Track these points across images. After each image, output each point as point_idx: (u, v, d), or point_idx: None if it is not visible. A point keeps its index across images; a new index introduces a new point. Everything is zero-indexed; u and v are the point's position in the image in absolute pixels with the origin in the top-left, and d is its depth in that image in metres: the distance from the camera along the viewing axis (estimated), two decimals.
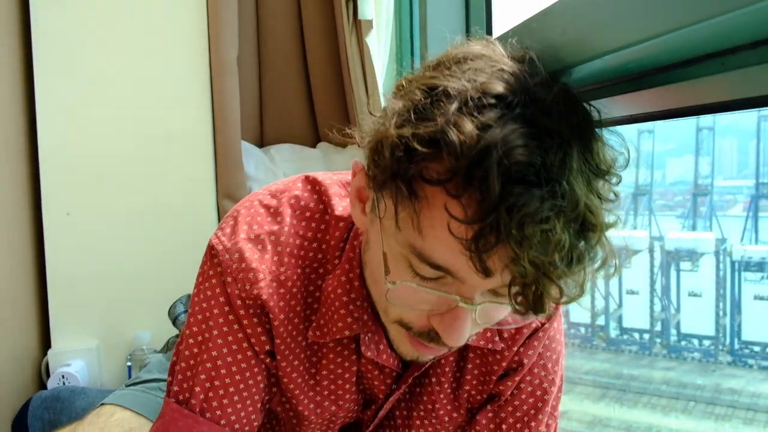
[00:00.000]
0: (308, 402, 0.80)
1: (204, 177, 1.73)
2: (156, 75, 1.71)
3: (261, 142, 1.98)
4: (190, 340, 0.77)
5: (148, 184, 1.71)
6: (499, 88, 0.53)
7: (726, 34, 0.45)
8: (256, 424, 0.79)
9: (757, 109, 0.47)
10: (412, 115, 0.55)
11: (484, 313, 0.61)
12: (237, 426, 0.77)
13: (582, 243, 0.54)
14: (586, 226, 0.53)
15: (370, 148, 0.60)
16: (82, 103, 1.66)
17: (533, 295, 0.55)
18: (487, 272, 0.53)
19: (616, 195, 0.58)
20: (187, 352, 0.77)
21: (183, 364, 0.77)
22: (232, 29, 1.71)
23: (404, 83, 0.61)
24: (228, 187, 1.70)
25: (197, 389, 0.75)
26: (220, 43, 1.67)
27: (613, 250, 0.57)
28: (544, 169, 0.51)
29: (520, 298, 0.56)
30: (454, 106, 0.53)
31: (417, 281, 0.59)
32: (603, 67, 0.59)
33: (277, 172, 1.80)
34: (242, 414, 0.77)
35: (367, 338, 0.76)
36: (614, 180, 0.58)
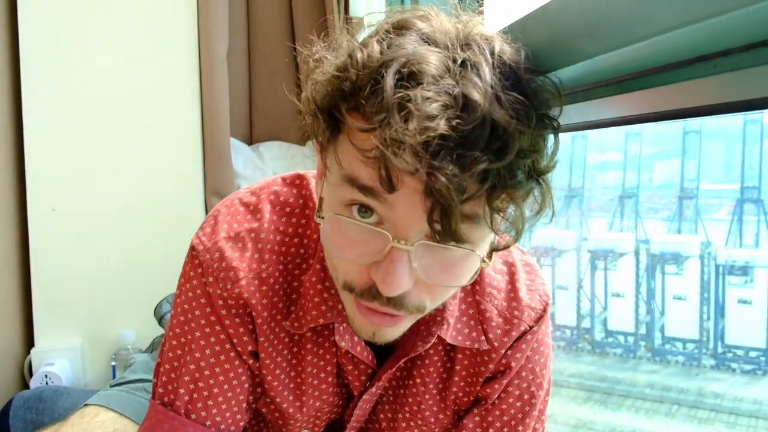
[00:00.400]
0: (294, 399, 0.80)
1: (192, 174, 1.72)
2: (145, 71, 1.69)
3: (250, 140, 1.97)
4: (173, 342, 0.77)
5: (136, 180, 1.69)
6: (418, 22, 0.57)
7: (718, 36, 0.45)
8: (242, 423, 0.79)
9: (750, 111, 0.47)
10: (333, 58, 0.59)
11: (425, 264, 0.59)
12: (223, 426, 0.77)
13: (493, 161, 0.51)
14: (497, 138, 0.51)
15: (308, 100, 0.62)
16: (70, 98, 1.65)
17: (442, 214, 0.53)
18: (389, 184, 0.52)
19: (555, 128, 0.58)
20: (170, 354, 0.77)
21: (167, 366, 0.77)
22: (223, 26, 1.70)
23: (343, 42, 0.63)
24: (216, 185, 1.69)
25: (181, 391, 0.75)
26: (210, 39, 1.67)
27: (549, 192, 0.57)
28: (440, 77, 0.51)
29: (436, 225, 0.54)
30: (371, 38, 0.56)
31: (347, 214, 0.59)
32: (594, 69, 0.59)
33: (266, 169, 1.79)
34: (227, 414, 0.77)
35: (341, 328, 0.76)
36: (548, 122, 0.57)
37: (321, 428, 0.87)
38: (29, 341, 1.66)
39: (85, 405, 1.02)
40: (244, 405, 0.78)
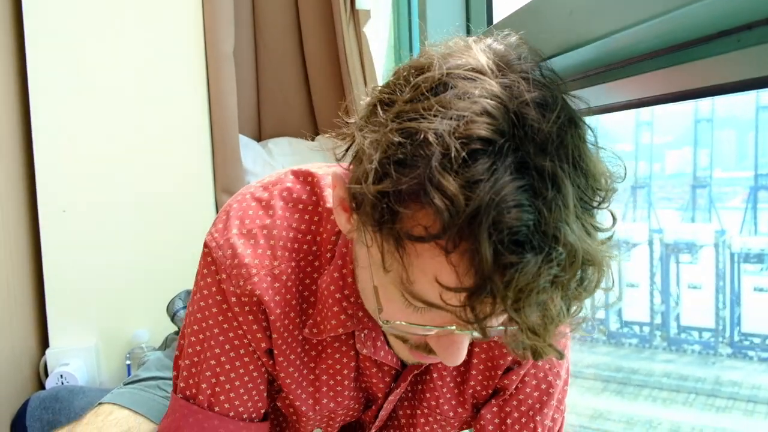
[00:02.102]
0: (306, 398, 0.79)
1: (201, 171, 1.72)
2: (152, 69, 1.69)
3: (259, 136, 1.96)
4: (192, 338, 0.77)
5: (145, 179, 1.69)
6: (483, 130, 0.48)
7: (741, 9, 0.43)
8: (263, 410, 0.80)
9: None
10: (391, 167, 0.51)
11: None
12: (245, 415, 0.78)
13: (579, 287, 0.51)
14: (584, 268, 0.51)
15: (349, 192, 0.57)
16: (77, 98, 1.64)
17: (532, 347, 0.54)
18: (483, 334, 0.51)
19: (613, 216, 0.55)
20: (189, 350, 0.77)
21: (187, 361, 0.78)
22: (228, 21, 1.69)
23: (379, 109, 0.56)
24: (226, 182, 1.68)
25: (203, 385, 0.76)
26: (215, 35, 1.66)
27: (609, 270, 0.55)
28: (537, 231, 0.47)
29: (520, 344, 0.54)
30: (435, 158, 0.48)
31: (410, 315, 0.57)
32: (612, 48, 0.57)
33: (276, 166, 1.79)
34: (249, 404, 0.77)
35: (363, 335, 0.75)
36: (611, 195, 0.54)
37: (335, 429, 0.87)
38: (44, 342, 1.66)
39: (100, 404, 1.01)
40: (265, 393, 0.79)
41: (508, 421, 0.82)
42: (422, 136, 0.49)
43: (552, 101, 0.51)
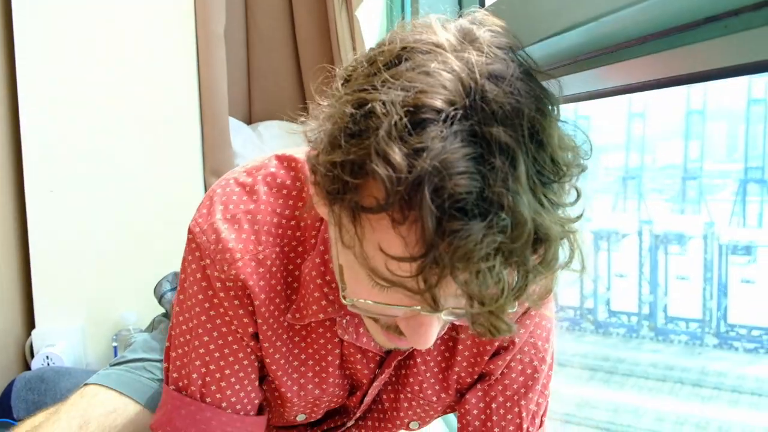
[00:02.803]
0: (291, 384, 0.79)
1: (190, 154, 1.71)
2: (141, 49, 1.67)
3: (249, 119, 1.96)
4: (182, 327, 0.77)
5: (134, 160, 1.68)
6: (436, 98, 0.48)
7: None
8: (256, 401, 0.79)
9: (762, 74, 0.45)
10: (342, 137, 0.51)
11: (450, 313, 0.58)
12: (239, 406, 0.77)
13: (534, 262, 0.50)
14: (539, 242, 0.50)
15: (309, 168, 0.57)
16: (66, 79, 1.63)
17: (485, 323, 0.53)
18: (436, 305, 0.51)
19: (577, 191, 0.54)
20: (180, 339, 0.77)
21: (178, 351, 0.78)
22: (219, 2, 1.68)
23: (339, 85, 0.56)
24: (215, 165, 1.68)
25: (194, 376, 0.76)
26: (206, 16, 1.65)
27: (578, 248, 0.55)
28: (482, 198, 0.46)
29: (476, 321, 0.54)
30: (383, 128, 0.48)
31: (375, 294, 0.56)
32: (601, 33, 0.57)
33: (265, 149, 1.78)
34: (241, 394, 0.77)
35: (344, 321, 0.75)
36: (577, 172, 0.54)
37: (319, 415, 0.87)
38: (30, 323, 1.66)
39: (85, 385, 1.01)
40: (256, 382, 0.79)
41: (493, 405, 0.83)
42: (371, 106, 0.50)
43: (513, 76, 0.51)
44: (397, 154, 0.47)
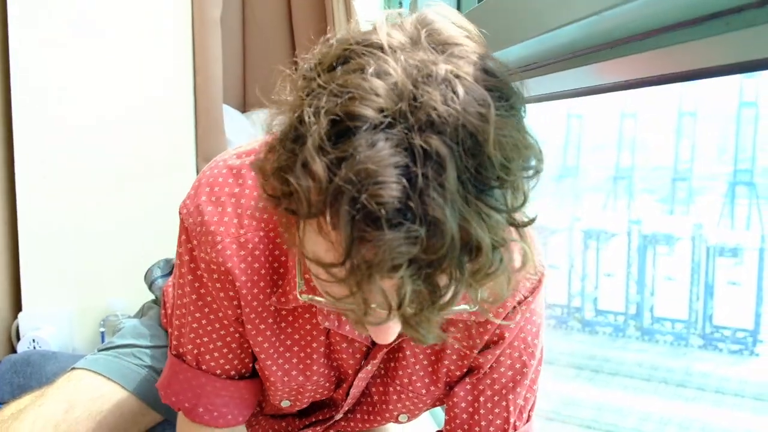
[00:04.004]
0: (276, 369, 0.79)
1: (183, 140, 1.70)
2: (136, 33, 1.66)
3: (243, 107, 1.95)
4: (178, 301, 0.80)
5: (126, 146, 1.67)
6: (364, 107, 0.47)
7: None
8: (251, 365, 0.82)
9: (763, 71, 0.45)
10: (278, 143, 0.51)
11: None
12: (233, 372, 0.81)
13: (467, 270, 0.49)
14: (470, 252, 0.48)
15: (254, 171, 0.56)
16: (59, 61, 1.61)
17: (409, 331, 0.52)
18: (366, 310, 0.50)
19: (524, 195, 0.51)
20: (177, 311, 0.81)
21: (175, 322, 0.82)
22: None
23: (287, 90, 0.55)
24: (208, 151, 1.67)
25: (189, 346, 0.79)
26: (203, 0, 1.63)
27: (530, 253, 0.53)
28: (399, 209, 0.45)
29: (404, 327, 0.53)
30: (310, 138, 0.47)
31: (325, 294, 0.56)
32: (600, 28, 0.57)
33: (260, 137, 1.77)
34: (235, 362, 0.80)
35: (326, 309, 0.74)
36: (528, 173, 0.52)
37: (304, 403, 0.87)
38: (17, 306, 1.64)
39: (72, 369, 1.01)
40: (250, 350, 0.80)
41: (481, 398, 0.83)
42: (301, 113, 0.49)
43: (456, 76, 0.49)
44: (318, 165, 0.46)
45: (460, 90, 0.48)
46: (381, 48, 0.50)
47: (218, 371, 0.80)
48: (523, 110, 0.52)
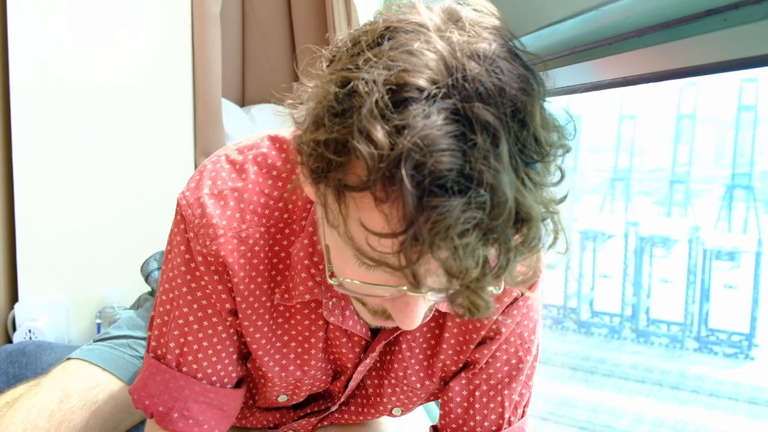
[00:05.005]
0: (273, 364, 0.79)
1: (182, 133, 1.70)
2: (136, 27, 1.66)
3: (242, 101, 1.95)
4: (164, 297, 0.77)
5: (125, 138, 1.67)
6: (418, 77, 0.48)
7: None
8: (234, 375, 0.79)
9: (760, 67, 0.45)
10: (326, 116, 0.51)
11: (435, 293, 0.57)
12: (214, 378, 0.77)
13: (515, 241, 0.50)
14: (521, 222, 0.50)
15: (294, 148, 0.57)
16: (58, 54, 1.61)
17: (465, 300, 0.52)
18: (417, 283, 0.51)
19: (561, 172, 0.54)
20: (161, 308, 0.78)
21: (159, 320, 0.78)
22: None
23: (323, 66, 0.57)
24: (206, 145, 1.67)
25: (172, 345, 0.76)
26: None
27: (561, 229, 0.54)
28: (462, 175, 0.47)
29: (457, 300, 0.53)
30: (365, 106, 0.48)
31: (362, 274, 0.56)
32: (599, 24, 0.57)
33: (258, 132, 1.77)
34: (218, 366, 0.77)
35: (330, 304, 0.74)
36: (561, 152, 0.53)
37: (301, 397, 0.87)
38: (13, 296, 1.64)
39: (68, 359, 1.01)
40: (235, 356, 0.78)
41: (477, 393, 0.83)
42: (354, 84, 0.50)
43: (496, 55, 0.51)
44: (379, 132, 0.47)
45: (503, 66, 0.50)
46: (424, 26, 0.52)
47: (199, 374, 0.77)
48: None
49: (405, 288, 0.55)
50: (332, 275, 0.60)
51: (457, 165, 0.46)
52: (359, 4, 1.57)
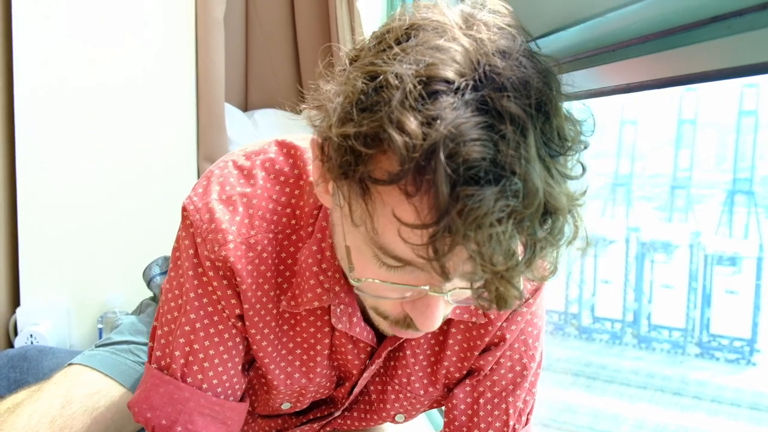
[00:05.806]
0: (279, 372, 0.79)
1: (185, 137, 1.70)
2: (140, 31, 1.66)
3: (245, 106, 1.95)
4: (171, 304, 0.76)
5: (127, 142, 1.67)
6: (447, 70, 0.49)
7: None
8: (238, 387, 0.78)
9: (766, 74, 0.45)
10: (354, 110, 0.51)
11: (456, 294, 0.59)
12: (219, 389, 0.76)
13: (543, 232, 0.51)
14: (548, 213, 0.51)
15: (317, 144, 0.58)
16: (62, 55, 1.62)
17: (495, 291, 0.53)
18: (446, 275, 0.51)
19: (583, 166, 0.55)
20: (167, 316, 0.77)
21: (164, 329, 0.77)
22: None
23: (347, 64, 0.57)
24: (209, 149, 1.67)
25: (177, 353, 0.75)
26: (207, 0, 1.64)
27: (582, 224, 0.55)
28: (495, 164, 0.47)
29: (484, 293, 0.54)
30: (396, 98, 0.49)
31: (382, 274, 0.57)
32: (602, 31, 0.57)
33: (260, 137, 1.78)
34: (224, 377, 0.76)
35: (338, 310, 0.74)
36: (581, 147, 0.55)
37: (305, 404, 0.87)
38: (15, 301, 1.64)
39: (70, 364, 1.00)
40: (240, 368, 0.78)
41: (481, 401, 0.83)
42: (384, 78, 0.51)
43: (518, 51, 0.52)
44: (412, 123, 0.48)
45: (525, 62, 0.51)
46: (448, 24, 0.53)
47: (205, 385, 0.75)
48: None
49: (427, 288, 0.56)
50: (353, 276, 0.60)
51: (489, 154, 0.47)
52: (363, 8, 1.57)
